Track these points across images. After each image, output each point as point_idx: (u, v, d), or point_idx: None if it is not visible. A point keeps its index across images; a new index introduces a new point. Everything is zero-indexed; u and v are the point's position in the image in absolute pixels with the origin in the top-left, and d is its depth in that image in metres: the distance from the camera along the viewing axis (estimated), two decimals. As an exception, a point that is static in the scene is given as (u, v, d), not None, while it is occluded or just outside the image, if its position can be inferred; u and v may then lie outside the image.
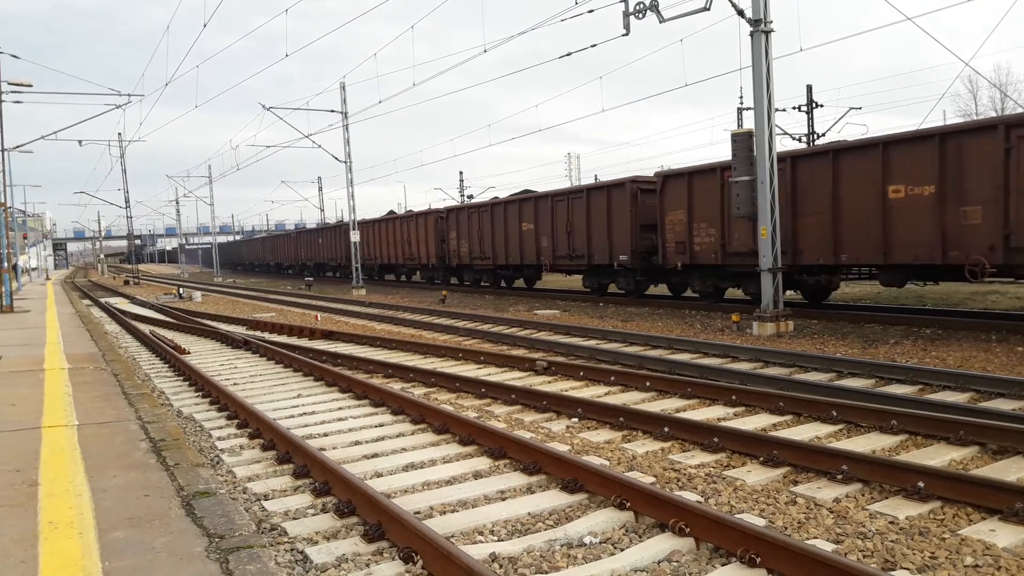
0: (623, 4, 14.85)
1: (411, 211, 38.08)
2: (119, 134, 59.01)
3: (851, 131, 45.97)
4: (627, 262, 20.81)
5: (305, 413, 8.73)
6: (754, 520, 4.86)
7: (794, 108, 37.53)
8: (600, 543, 4.65)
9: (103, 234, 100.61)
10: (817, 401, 7.65)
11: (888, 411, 7.05)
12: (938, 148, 13.10)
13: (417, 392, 9.61)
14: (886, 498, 5.25)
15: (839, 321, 15.17)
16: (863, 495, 5.36)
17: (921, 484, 5.14)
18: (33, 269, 68.53)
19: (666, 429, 6.97)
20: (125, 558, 3.89)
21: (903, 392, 8.40)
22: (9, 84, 24.14)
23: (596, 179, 31.76)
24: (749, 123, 17.07)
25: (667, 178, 19.19)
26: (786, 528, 4.80)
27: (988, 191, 12.39)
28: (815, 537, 4.63)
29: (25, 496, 4.97)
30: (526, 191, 27.04)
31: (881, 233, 14.05)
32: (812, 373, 9.94)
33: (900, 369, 9.40)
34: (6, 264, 26.16)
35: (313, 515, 5.27)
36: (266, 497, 5.71)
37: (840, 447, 6.27)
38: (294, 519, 5.20)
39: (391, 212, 39.62)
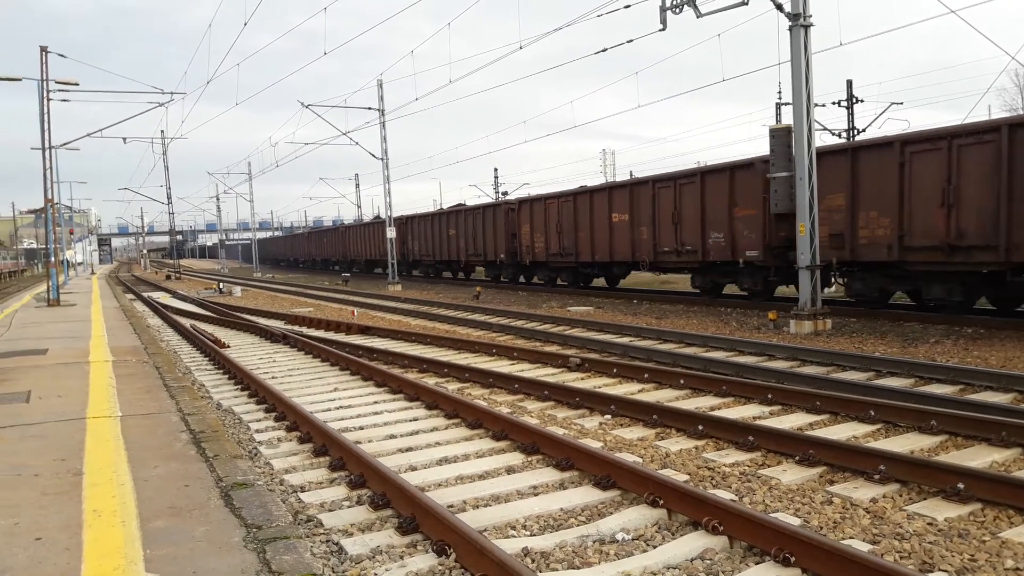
0: (660, -1, 14.75)
1: (458, 205, 35.77)
2: (162, 131, 60.19)
3: (892, 127, 45.06)
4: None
5: (341, 407, 8.84)
6: (789, 519, 4.82)
7: (833, 103, 36.93)
8: (632, 540, 4.65)
9: (146, 230, 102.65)
10: (855, 400, 7.55)
11: (928, 411, 6.94)
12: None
13: (451, 387, 9.68)
14: (925, 499, 5.17)
15: (878, 319, 14.93)
16: (901, 496, 5.28)
17: (961, 485, 5.06)
18: (79, 264, 70.16)
19: (700, 427, 6.93)
20: (166, 546, 3.99)
21: (943, 392, 8.25)
22: (56, 83, 24.72)
23: (632, 175, 30.96)
24: (788, 119, 16.85)
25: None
26: (821, 528, 4.75)
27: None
28: (851, 537, 4.58)
29: (70, 485, 5.11)
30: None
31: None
32: (850, 372, 9.80)
33: (940, 369, 9.22)
34: (54, 259, 26.83)
35: (348, 507, 5.35)
36: (303, 489, 5.80)
37: (878, 447, 6.19)
38: (330, 511, 5.27)
39: (459, 204, 35.97)
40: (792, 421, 7.43)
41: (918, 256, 14.14)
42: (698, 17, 14.38)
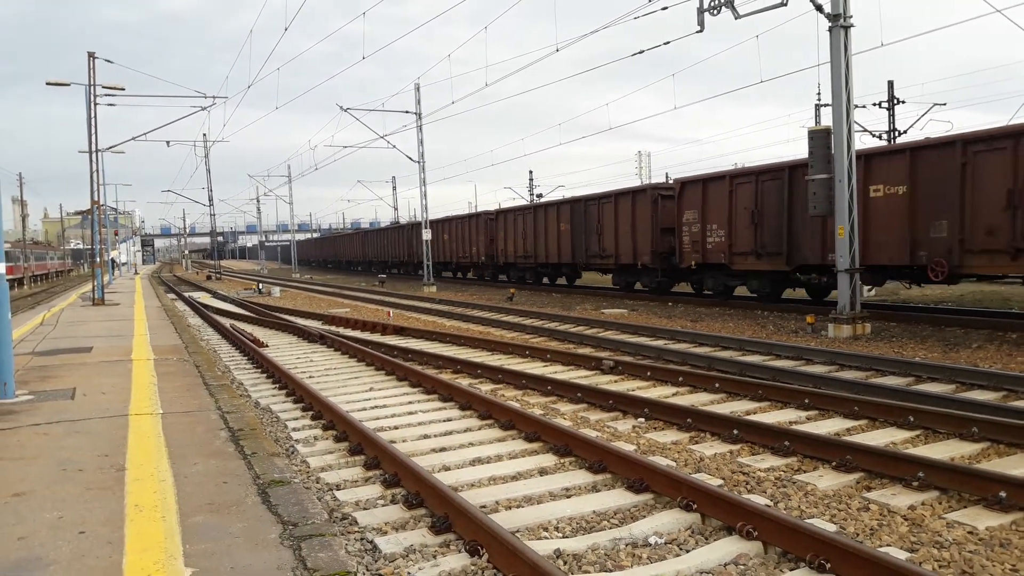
0: (698, 0, 14.66)
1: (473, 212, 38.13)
2: (204, 135, 61.25)
3: (935, 128, 44.14)
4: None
5: (377, 406, 8.93)
6: (824, 525, 4.77)
7: (874, 104, 36.30)
8: (665, 544, 4.64)
9: (188, 231, 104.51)
10: (893, 406, 7.43)
11: (969, 417, 6.80)
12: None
13: (484, 388, 9.72)
14: (965, 507, 5.07)
15: (919, 324, 14.65)
16: (940, 503, 5.19)
17: (1003, 494, 4.95)
18: (123, 264, 71.67)
19: (735, 431, 6.88)
20: (205, 542, 4.07)
21: (985, 398, 8.08)
22: (103, 88, 25.31)
23: (667, 178, 31.40)
24: (827, 120, 16.62)
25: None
26: (858, 535, 4.69)
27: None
28: (888, 545, 4.51)
29: (113, 480, 5.24)
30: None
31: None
32: (889, 377, 9.64)
33: (982, 374, 9.03)
34: (99, 259, 27.46)
35: (383, 506, 5.40)
36: (338, 487, 5.88)
37: (917, 453, 6.09)
38: (364, 509, 5.34)
39: (474, 212, 38.22)
40: (829, 426, 7.33)
41: (740, 259, 18.95)
42: (736, 18, 14.26)
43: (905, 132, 35.37)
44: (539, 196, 59.14)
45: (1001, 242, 13.12)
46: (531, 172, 67.86)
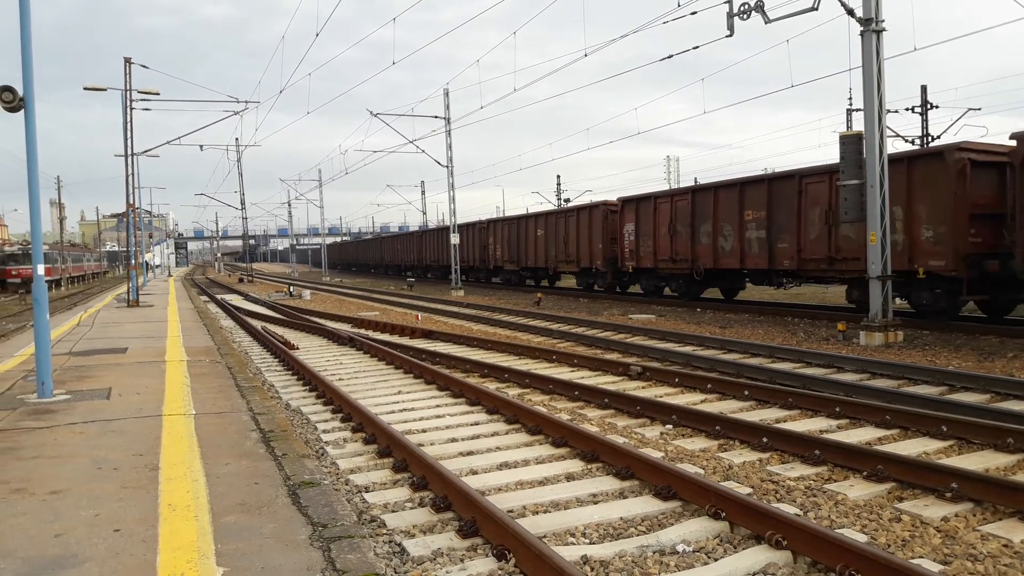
0: (727, 5, 14.59)
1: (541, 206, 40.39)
2: (236, 139, 62.20)
3: (969, 133, 43.33)
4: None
5: (405, 409, 8.99)
6: (855, 536, 4.71)
7: (907, 110, 35.79)
8: (693, 552, 4.62)
9: (220, 234, 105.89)
10: (926, 415, 7.33)
11: (1004, 428, 6.68)
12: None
13: (511, 392, 9.73)
14: (1000, 519, 4.99)
15: (952, 332, 14.42)
16: (974, 515, 5.11)
17: (1039, 507, 4.87)
18: (157, 266, 72.77)
19: (765, 439, 6.82)
20: (236, 542, 4.14)
21: (1021, 409, 7.92)
22: (139, 92, 25.78)
23: (696, 181, 31.66)
24: (859, 125, 16.44)
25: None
26: (889, 545, 4.63)
27: None
28: (920, 556, 4.45)
29: (147, 480, 5.34)
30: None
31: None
32: (922, 386, 9.50)
33: (1018, 384, 8.85)
34: (134, 262, 27.92)
35: (411, 509, 5.44)
36: (367, 489, 5.93)
37: (950, 464, 5.99)
38: (392, 512, 5.38)
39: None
40: (860, 435, 7.25)
41: (663, 264, 23.53)
42: (766, 23, 14.17)
43: (939, 137, 34.80)
44: (566, 200, 59.17)
45: (821, 251, 17.64)
46: (558, 176, 67.97)
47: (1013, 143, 13.43)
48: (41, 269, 8.75)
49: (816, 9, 13.52)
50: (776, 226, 18.75)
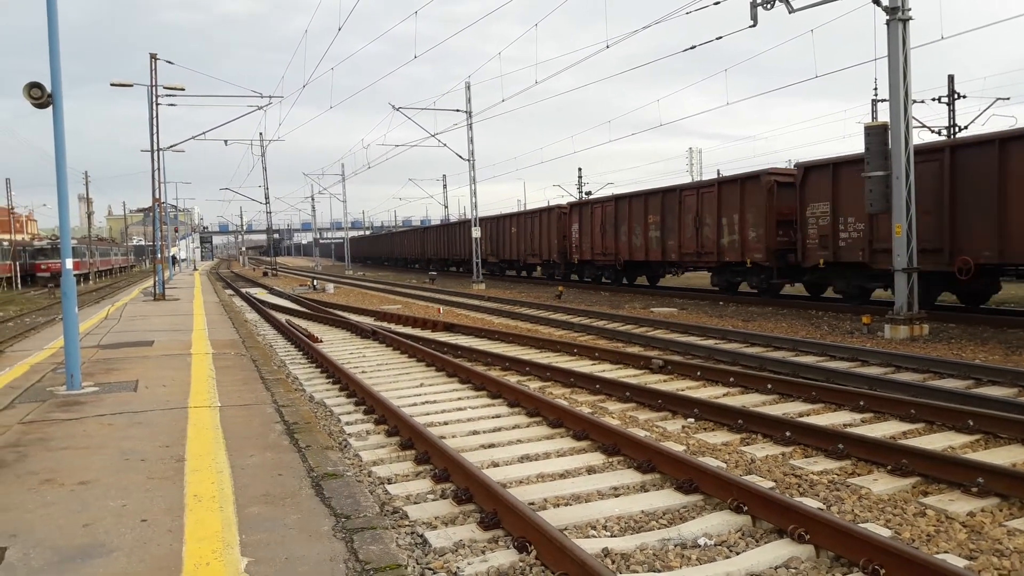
0: (750, -5, 14.43)
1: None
2: (260, 134, 62.68)
3: (997, 123, 42.64)
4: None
5: (427, 402, 9.03)
6: (879, 530, 4.68)
7: (933, 99, 35.24)
8: (715, 545, 4.61)
9: (245, 228, 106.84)
10: (952, 409, 7.24)
11: (1033, 423, 6.59)
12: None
13: (532, 385, 9.75)
14: (1027, 515, 4.92)
15: (979, 325, 14.23)
16: (1001, 510, 5.04)
17: (1068, 502, 4.81)
18: (183, 260, 73.61)
19: (788, 433, 6.78)
20: (260, 532, 4.19)
21: (1052, 403, 7.80)
22: (164, 88, 26.06)
23: (719, 174, 31.53)
24: (884, 116, 16.24)
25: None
26: (913, 540, 4.59)
27: None
28: (945, 551, 4.41)
29: (173, 471, 5.42)
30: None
31: None
32: (947, 380, 9.39)
33: (1050, 379, 8.73)
34: (160, 256, 28.26)
35: (433, 500, 5.48)
36: (389, 481, 5.97)
37: (976, 458, 5.92)
38: (415, 503, 5.41)
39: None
40: (885, 429, 7.18)
41: (598, 257, 28.27)
42: (790, 12, 14.02)
43: (966, 128, 34.28)
44: (588, 193, 58.97)
45: (692, 247, 22.58)
46: (580, 169, 67.61)
47: (798, 171, 18.61)
48: (70, 263, 8.88)
49: (841, -2, 13.35)
50: (666, 228, 24.06)
